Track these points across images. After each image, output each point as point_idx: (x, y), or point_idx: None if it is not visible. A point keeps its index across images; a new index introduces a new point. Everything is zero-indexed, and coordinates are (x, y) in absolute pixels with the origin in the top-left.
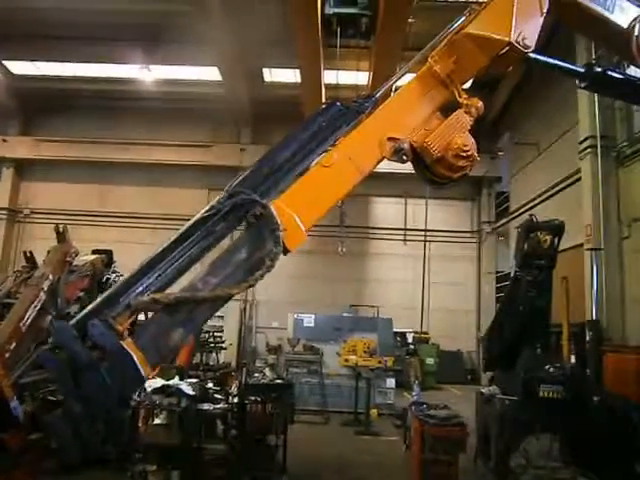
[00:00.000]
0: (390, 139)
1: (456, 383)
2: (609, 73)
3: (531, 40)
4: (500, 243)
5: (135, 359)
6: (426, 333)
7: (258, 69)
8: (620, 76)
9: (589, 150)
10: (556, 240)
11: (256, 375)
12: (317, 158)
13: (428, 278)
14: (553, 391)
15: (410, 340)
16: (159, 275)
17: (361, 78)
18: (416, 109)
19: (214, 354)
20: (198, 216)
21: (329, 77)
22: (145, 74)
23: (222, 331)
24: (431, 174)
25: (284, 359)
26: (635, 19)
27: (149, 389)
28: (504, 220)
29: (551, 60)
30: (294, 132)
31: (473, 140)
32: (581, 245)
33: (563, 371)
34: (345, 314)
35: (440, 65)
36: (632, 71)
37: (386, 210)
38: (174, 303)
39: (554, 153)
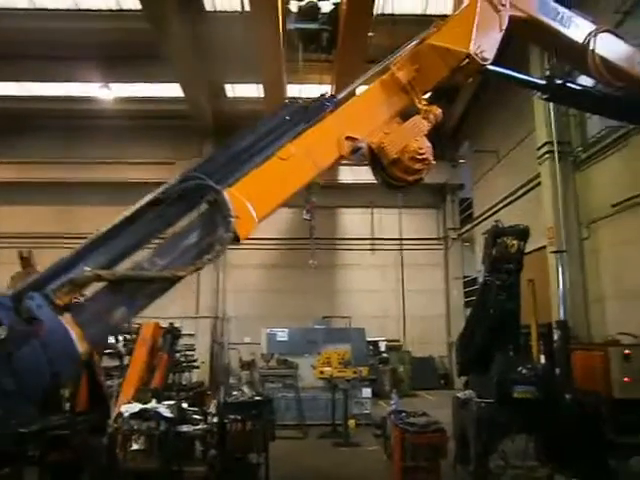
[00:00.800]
0: (349, 138)
1: (430, 389)
2: (569, 85)
3: (489, 53)
4: (466, 248)
5: (72, 334)
6: (398, 341)
7: (220, 84)
8: (579, 87)
9: (547, 156)
10: (522, 244)
11: (234, 393)
12: (275, 151)
13: (399, 286)
14: (526, 392)
15: (383, 348)
16: (105, 253)
17: (324, 91)
18: (376, 112)
19: (186, 373)
20: (149, 197)
21: (292, 91)
22: (105, 93)
23: (194, 349)
24: (387, 176)
25: (259, 375)
26: (590, 34)
27: (126, 414)
28: (469, 226)
29: (511, 72)
30: (254, 125)
31: (429, 144)
32: (544, 247)
33: (535, 372)
34: (318, 326)
35: (402, 72)
36: (582, 80)
37: (353, 221)
38: (118, 280)
39: (513, 159)
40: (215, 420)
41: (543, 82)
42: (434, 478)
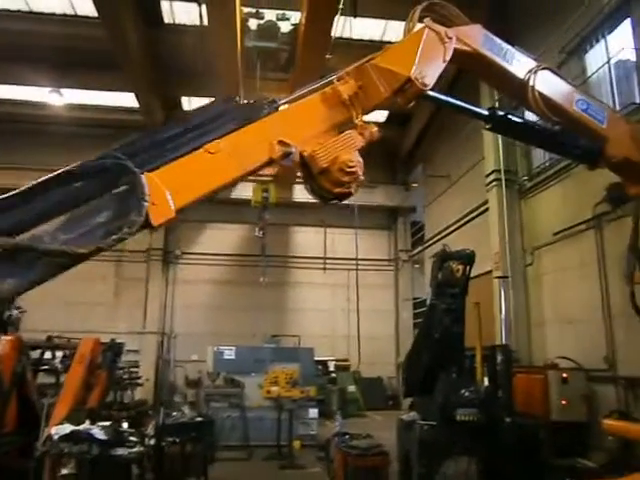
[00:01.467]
0: (281, 143)
1: (378, 409)
2: (510, 117)
3: (430, 80)
4: (416, 270)
5: None
6: (347, 360)
7: (177, 97)
8: (520, 120)
9: (495, 183)
10: (468, 268)
11: (174, 414)
12: (202, 144)
13: (349, 306)
14: (469, 414)
15: (332, 368)
16: (4, 220)
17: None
18: (314, 122)
19: (129, 391)
20: (62, 170)
21: None
22: (56, 98)
23: (138, 366)
24: (316, 186)
25: (204, 394)
26: (530, 70)
27: (56, 436)
28: (419, 248)
29: (453, 100)
30: (186, 116)
31: (360, 160)
32: (491, 272)
33: (477, 395)
34: (266, 345)
35: (345, 87)
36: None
37: (306, 239)
38: (12, 249)
39: (464, 185)
40: (152, 442)
41: (486, 112)
42: None
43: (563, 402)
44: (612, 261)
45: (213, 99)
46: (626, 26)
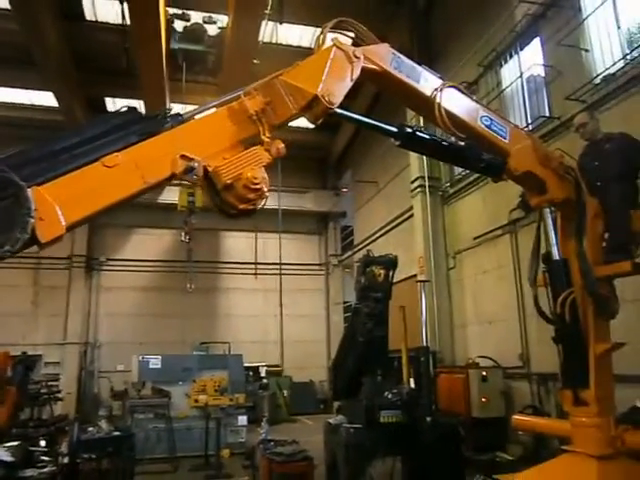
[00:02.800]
0: (184, 157)
1: (309, 413)
2: (418, 134)
3: (337, 98)
4: (346, 274)
5: None
6: (278, 366)
7: (100, 97)
8: (427, 136)
9: (419, 189)
10: (390, 273)
11: (90, 429)
12: (99, 157)
13: (280, 311)
14: (392, 416)
15: (263, 374)
16: None
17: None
18: (219, 136)
19: (48, 406)
20: None
21: (177, 110)
22: None
23: (58, 379)
24: (221, 201)
25: (128, 405)
26: (436, 89)
27: None
28: (349, 253)
29: (361, 118)
30: (81, 127)
31: (265, 176)
32: (416, 276)
33: (400, 396)
34: (195, 352)
35: (252, 102)
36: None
37: (237, 244)
38: None
39: (391, 191)
40: (66, 460)
41: (394, 129)
42: None
43: (483, 399)
44: (525, 264)
45: (116, 111)
46: (537, 43)
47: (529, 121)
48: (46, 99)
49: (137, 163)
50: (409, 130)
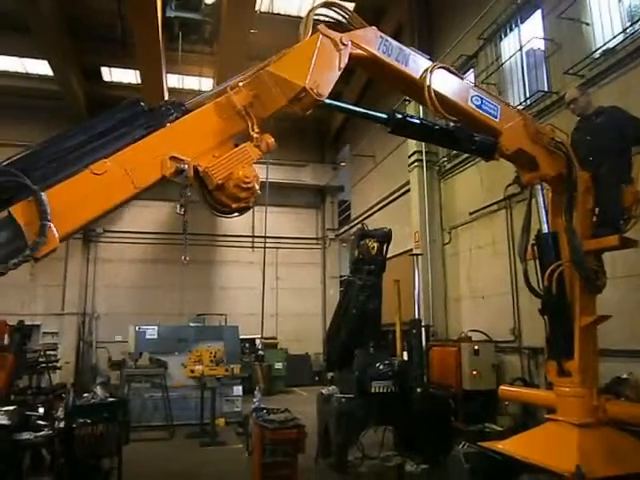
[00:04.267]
0: (173, 159)
1: (305, 385)
2: (408, 119)
3: (325, 89)
4: (343, 249)
5: None
6: (274, 338)
7: (96, 67)
8: (417, 121)
9: (416, 164)
10: (384, 246)
11: (85, 395)
12: (108, 154)
13: (277, 284)
14: (383, 386)
15: (259, 346)
16: None
17: (205, 84)
18: (207, 134)
19: (47, 375)
20: None
21: (173, 81)
22: None
23: (56, 349)
24: (213, 201)
25: (125, 374)
26: (426, 70)
27: None
28: (346, 227)
29: (351, 107)
30: (87, 122)
31: (256, 173)
32: (412, 250)
33: (392, 367)
34: (192, 324)
35: (239, 96)
36: None
37: (234, 218)
38: None
39: (388, 166)
40: (62, 425)
41: (384, 116)
42: (291, 472)
43: (474, 372)
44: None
45: (120, 104)
46: (537, 16)
47: (527, 95)
48: (41, 67)
49: (126, 168)
50: (399, 116)
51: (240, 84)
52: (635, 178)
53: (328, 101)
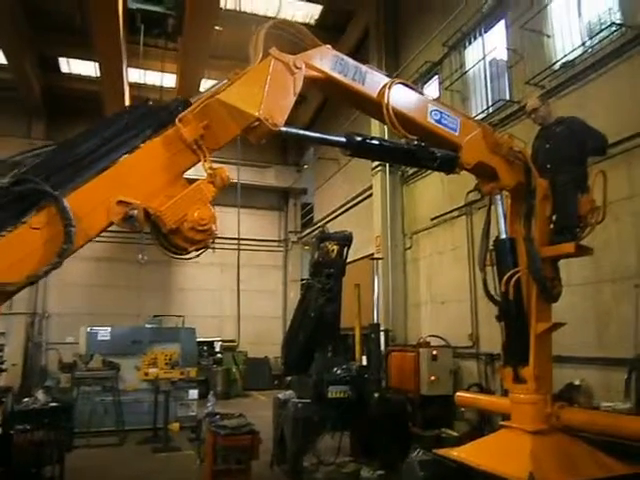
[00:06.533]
0: (121, 203)
1: (264, 389)
2: (367, 142)
3: (280, 118)
4: (305, 252)
5: None
6: (234, 341)
7: (53, 57)
8: (376, 142)
9: (379, 169)
10: (345, 250)
11: (25, 400)
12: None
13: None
14: (340, 391)
15: (218, 349)
16: None
17: (167, 80)
18: (156, 172)
19: None
20: None
21: (134, 75)
22: None
23: (2, 350)
24: (168, 244)
25: (74, 377)
26: (384, 86)
27: None
28: (309, 230)
29: (308, 133)
30: (97, 126)
31: (212, 213)
32: (373, 255)
33: (349, 372)
34: (147, 325)
35: (188, 128)
36: None
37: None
38: None
39: (352, 169)
40: None
41: (343, 140)
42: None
43: (432, 378)
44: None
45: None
46: (501, 26)
47: (490, 104)
48: None
49: (11, 259)
50: (358, 139)
51: (189, 115)
52: (591, 187)
53: (284, 129)
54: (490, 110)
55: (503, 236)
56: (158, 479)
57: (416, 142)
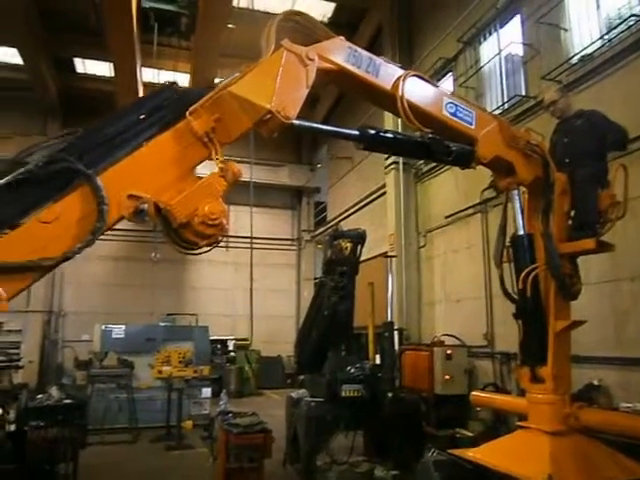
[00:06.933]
0: (131, 197)
1: (277, 388)
2: (381, 135)
3: (293, 111)
4: (318, 250)
5: None
6: (246, 339)
7: (69, 58)
8: (390, 135)
9: (393, 166)
10: (358, 248)
11: (39, 396)
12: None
13: (250, 284)
14: (354, 390)
15: (231, 347)
16: None
17: (180, 79)
18: (167, 166)
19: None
20: (7, 179)
21: (148, 75)
22: None
23: (18, 347)
24: (178, 238)
25: (89, 374)
26: (398, 78)
27: None
28: (322, 229)
29: (321, 126)
30: (126, 108)
31: (223, 207)
32: (387, 253)
33: (363, 371)
34: (161, 323)
35: (199, 121)
36: None
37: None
38: None
39: (365, 168)
40: (13, 428)
41: (357, 133)
42: (257, 478)
43: (446, 377)
44: (494, 244)
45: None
46: (517, 21)
47: (505, 100)
48: (11, 56)
49: (45, 236)
50: (372, 132)
51: (200, 108)
52: (611, 182)
53: (297, 122)
54: (506, 106)
55: (521, 232)
56: (171, 477)
57: (430, 135)
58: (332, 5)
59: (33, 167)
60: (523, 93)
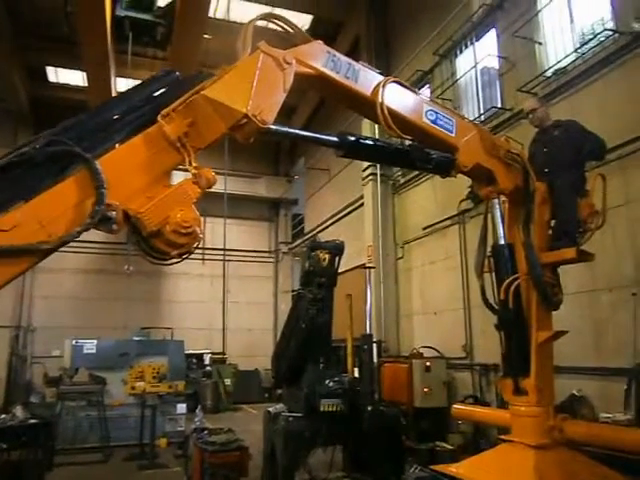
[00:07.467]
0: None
1: (254, 402)
2: (361, 141)
3: (269, 115)
4: (296, 263)
5: None
6: (223, 354)
7: (41, 67)
8: (370, 142)
9: (370, 178)
10: (336, 259)
11: (2, 416)
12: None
13: (226, 298)
14: (333, 404)
15: (207, 361)
16: None
17: None
18: (137, 171)
19: None
20: (6, 159)
21: (122, 85)
22: None
23: None
24: (149, 248)
25: (58, 392)
26: (378, 84)
27: None
28: (299, 241)
29: (299, 132)
30: (125, 92)
31: (197, 215)
32: (364, 265)
33: (341, 385)
34: (135, 338)
35: (172, 125)
36: None
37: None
38: None
39: (343, 179)
40: None
41: (336, 139)
42: None
43: (425, 390)
44: (472, 255)
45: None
46: (492, 35)
47: (482, 111)
48: None
49: (41, 220)
50: (352, 138)
51: (172, 112)
52: (590, 191)
53: (274, 127)
54: (482, 118)
55: (502, 242)
56: None
57: (410, 143)
58: (309, 17)
59: (30, 149)
60: (499, 105)
